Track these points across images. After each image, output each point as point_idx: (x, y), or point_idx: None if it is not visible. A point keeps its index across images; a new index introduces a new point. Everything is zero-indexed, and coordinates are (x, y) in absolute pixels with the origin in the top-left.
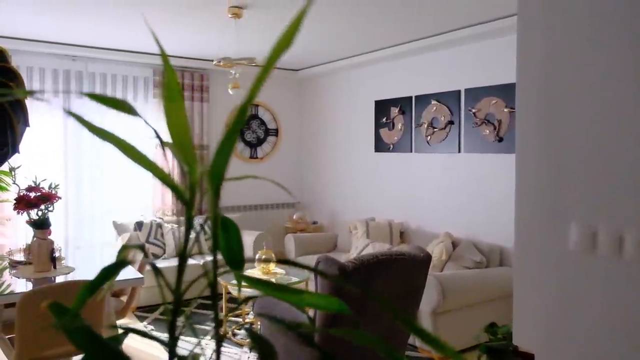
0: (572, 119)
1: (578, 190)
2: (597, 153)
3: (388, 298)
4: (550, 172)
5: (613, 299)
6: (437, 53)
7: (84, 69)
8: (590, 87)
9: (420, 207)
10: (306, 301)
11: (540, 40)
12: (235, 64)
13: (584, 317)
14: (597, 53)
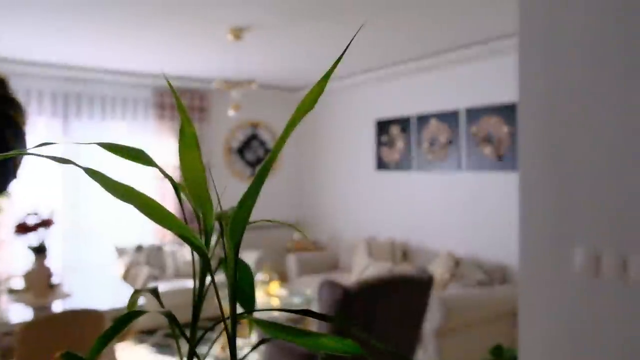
0: (576, 142)
1: (583, 215)
2: (602, 178)
3: (392, 319)
4: (554, 196)
5: (618, 323)
6: (438, 72)
7: (82, 90)
8: (593, 109)
9: (422, 226)
10: (323, 345)
11: (541, 62)
12: (236, 85)
13: (590, 341)
14: (599, 74)
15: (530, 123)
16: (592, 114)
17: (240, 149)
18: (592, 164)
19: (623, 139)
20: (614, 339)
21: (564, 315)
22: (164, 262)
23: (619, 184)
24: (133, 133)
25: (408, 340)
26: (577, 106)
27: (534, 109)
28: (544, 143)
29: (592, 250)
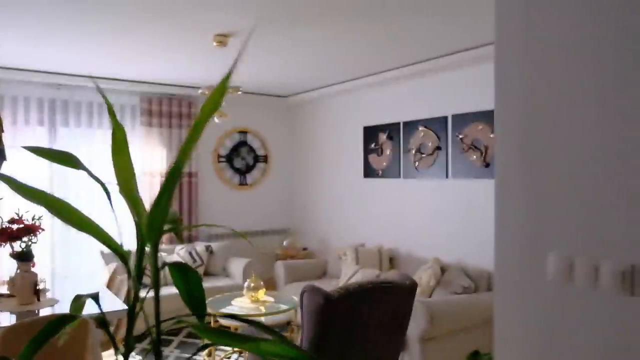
0: (551, 150)
1: (557, 221)
2: (575, 185)
3: (374, 325)
4: (529, 203)
5: (589, 329)
6: (425, 79)
7: (69, 97)
8: (568, 118)
9: (410, 233)
10: (265, 350)
11: (518, 70)
12: None
13: (563, 347)
14: (575, 84)
15: (507, 131)
16: (567, 123)
17: (229, 156)
18: (566, 172)
19: (596, 147)
20: (585, 345)
21: (538, 321)
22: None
23: (591, 192)
24: None
25: (391, 345)
26: (552, 115)
27: (510, 117)
28: (520, 151)
29: (565, 256)
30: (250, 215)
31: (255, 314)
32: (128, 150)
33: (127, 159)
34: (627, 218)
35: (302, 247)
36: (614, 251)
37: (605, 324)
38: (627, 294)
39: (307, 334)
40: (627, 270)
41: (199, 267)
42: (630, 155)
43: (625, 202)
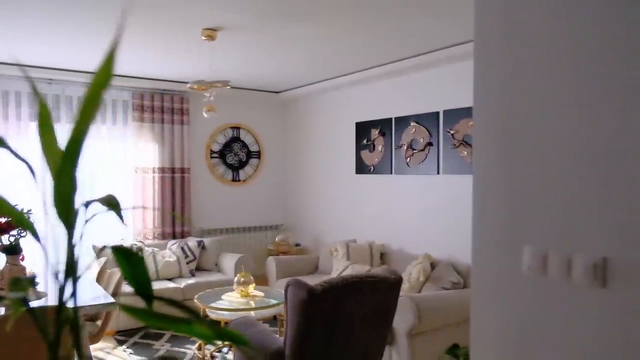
0: (526, 146)
1: (532, 216)
2: (550, 180)
3: (359, 320)
4: (506, 198)
5: (562, 321)
6: (416, 75)
7: (60, 92)
8: (544, 116)
9: (401, 229)
10: (194, 331)
11: (497, 68)
12: (210, 86)
13: (538, 338)
14: (552, 81)
15: (485, 128)
16: (542, 121)
17: (222, 152)
18: (541, 169)
19: (570, 145)
20: (559, 337)
21: (513, 313)
22: None
23: (565, 188)
24: (113, 135)
25: (377, 339)
26: (528, 114)
27: (488, 114)
28: (497, 148)
29: (540, 249)
30: (243, 211)
31: (245, 308)
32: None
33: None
34: (599, 212)
35: (295, 243)
36: (586, 244)
37: (578, 316)
38: (599, 286)
39: (291, 328)
40: (599, 262)
41: (191, 262)
42: (602, 153)
43: (598, 197)
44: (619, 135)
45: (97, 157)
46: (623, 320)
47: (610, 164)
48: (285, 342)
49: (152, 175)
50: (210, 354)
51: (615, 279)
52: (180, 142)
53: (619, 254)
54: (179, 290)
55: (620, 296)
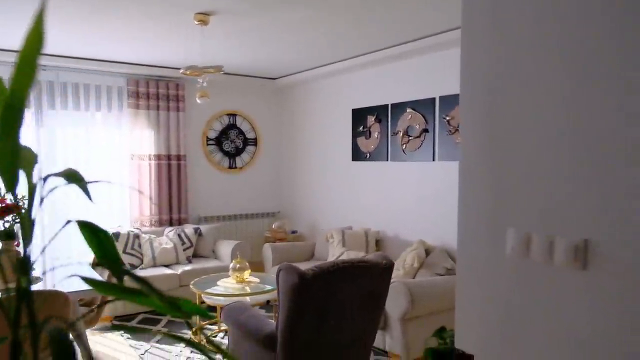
0: (511, 131)
1: (515, 199)
2: (533, 165)
3: (350, 304)
4: (490, 182)
5: (544, 302)
6: (412, 60)
7: (55, 79)
8: (528, 102)
9: (396, 216)
10: (152, 303)
11: (483, 55)
12: (202, 72)
13: (518, 319)
14: (537, 68)
15: (471, 115)
16: (525, 107)
17: (218, 139)
18: (524, 154)
19: (552, 131)
20: (541, 318)
21: (497, 295)
22: (141, 249)
23: (548, 171)
24: (108, 122)
25: (368, 324)
26: (512, 100)
27: (474, 101)
28: (483, 134)
29: (523, 232)
30: (240, 199)
31: (239, 294)
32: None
33: None
34: (580, 195)
35: (292, 230)
36: (568, 227)
37: (560, 297)
38: (580, 268)
39: (282, 312)
40: (580, 245)
41: (188, 249)
42: (583, 138)
43: (579, 180)
44: (599, 120)
45: (93, 144)
46: (603, 301)
47: (591, 148)
48: (278, 326)
49: (148, 162)
50: (207, 338)
51: (595, 261)
52: (176, 129)
53: (599, 236)
54: (176, 277)
55: (601, 277)
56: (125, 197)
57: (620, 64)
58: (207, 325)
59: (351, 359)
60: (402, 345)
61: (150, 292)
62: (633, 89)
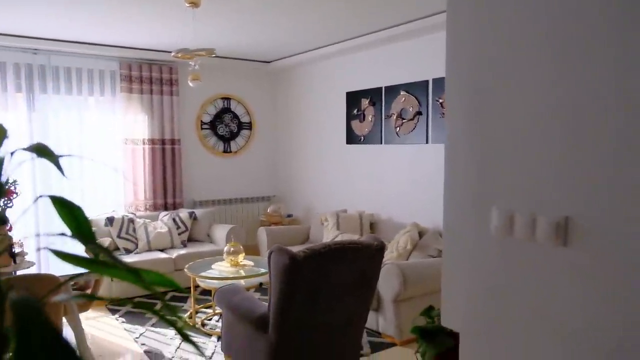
0: (494, 112)
1: (499, 179)
2: (516, 145)
3: (342, 285)
4: (475, 162)
5: (526, 280)
6: (406, 43)
7: (46, 62)
8: (510, 86)
9: (390, 198)
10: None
11: (468, 37)
12: (194, 55)
13: (503, 297)
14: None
15: (456, 97)
16: (510, 87)
17: (213, 123)
18: (507, 134)
19: (533, 113)
20: (524, 295)
21: (481, 273)
22: (135, 234)
23: (530, 151)
24: (101, 107)
25: (360, 305)
26: (496, 83)
27: (459, 83)
28: (468, 115)
29: (507, 210)
30: (235, 183)
31: (232, 277)
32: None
33: None
34: (562, 174)
35: (287, 214)
36: (550, 205)
37: (542, 274)
38: (561, 245)
39: (274, 293)
40: (561, 221)
41: (182, 233)
42: (565, 118)
43: (560, 159)
44: (581, 99)
45: (86, 129)
46: (583, 277)
47: (572, 129)
48: (269, 307)
49: (142, 146)
50: (202, 321)
51: (575, 237)
52: (170, 113)
53: (579, 213)
54: (171, 261)
55: (581, 253)
56: (119, 181)
57: (606, 42)
58: (202, 309)
59: (343, 340)
60: (395, 326)
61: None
62: (616, 68)
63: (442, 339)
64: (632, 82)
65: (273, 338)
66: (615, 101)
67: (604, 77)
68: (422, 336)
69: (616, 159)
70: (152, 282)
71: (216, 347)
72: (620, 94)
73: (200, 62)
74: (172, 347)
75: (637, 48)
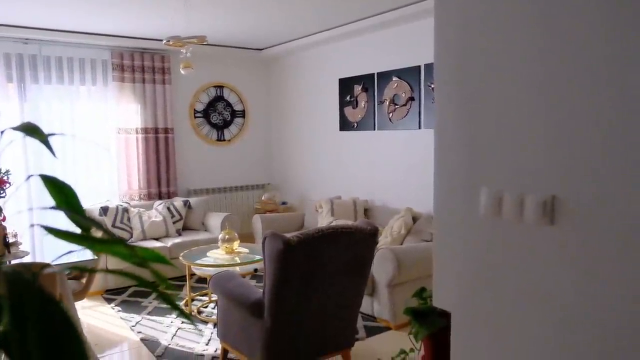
0: (482, 96)
1: (488, 160)
2: (503, 125)
3: (335, 270)
4: (464, 144)
5: (515, 259)
6: (398, 28)
7: (37, 52)
8: (497, 67)
9: (384, 184)
10: (117, 251)
11: (456, 22)
12: (186, 43)
13: (492, 277)
14: (507, 33)
15: (444, 80)
16: (497, 68)
17: (206, 112)
18: (495, 115)
19: (520, 93)
20: (512, 275)
21: (471, 254)
22: (130, 223)
23: (517, 131)
24: (93, 96)
25: (354, 289)
26: (483, 66)
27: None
28: (457, 94)
29: (495, 191)
30: (229, 171)
31: (229, 264)
32: None
33: None
34: (549, 153)
35: (282, 202)
36: (537, 184)
37: (530, 253)
38: (548, 224)
39: (269, 279)
40: (548, 200)
41: (177, 221)
42: (552, 97)
43: (548, 138)
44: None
45: (78, 119)
46: (570, 255)
47: (558, 108)
48: (264, 293)
49: (135, 136)
50: (197, 309)
51: (562, 216)
52: (162, 102)
53: (566, 192)
54: (166, 249)
55: (567, 232)
56: (113, 171)
57: (591, 23)
58: (198, 297)
59: (337, 325)
60: (390, 311)
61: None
62: (603, 51)
63: (433, 319)
64: (619, 62)
65: (268, 323)
66: (602, 83)
67: (591, 58)
68: (415, 317)
69: (600, 138)
70: (145, 257)
71: (212, 333)
72: (607, 74)
73: (193, 50)
74: (169, 335)
75: (625, 29)
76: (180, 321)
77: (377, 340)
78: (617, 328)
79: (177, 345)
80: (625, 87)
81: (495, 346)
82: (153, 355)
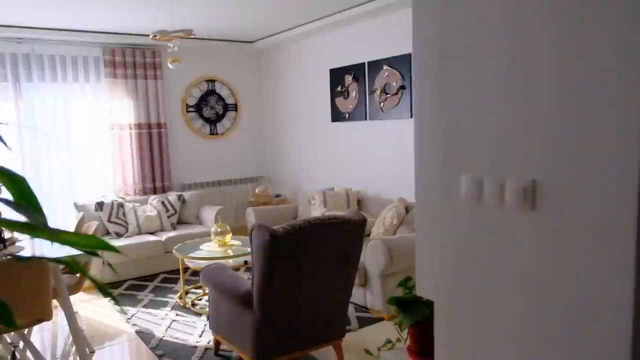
0: (460, 83)
1: (468, 146)
2: (483, 112)
3: (324, 260)
4: (443, 131)
5: (497, 246)
6: (387, 16)
7: (30, 51)
8: (473, 56)
9: (377, 175)
10: (67, 240)
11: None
12: (172, 37)
13: (474, 264)
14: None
15: (423, 66)
16: (474, 54)
17: (198, 106)
18: (473, 102)
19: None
20: (494, 260)
21: (454, 242)
22: (125, 218)
23: (495, 117)
24: (87, 93)
25: (343, 279)
26: (460, 56)
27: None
28: (435, 85)
29: (476, 176)
30: (223, 165)
31: (222, 257)
32: None
33: None
34: (528, 138)
35: (275, 194)
36: (517, 169)
37: (511, 238)
38: (529, 209)
39: (257, 270)
40: (529, 185)
41: (172, 216)
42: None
43: (526, 124)
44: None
45: (73, 116)
46: (551, 239)
47: (537, 94)
48: (253, 284)
49: (128, 131)
50: (192, 302)
51: (543, 201)
52: (155, 97)
53: (546, 177)
54: (161, 243)
55: (548, 216)
56: (108, 167)
57: (565, 7)
58: (192, 290)
59: (327, 315)
60: (383, 301)
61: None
62: (578, 31)
63: (417, 308)
64: (593, 46)
65: (258, 314)
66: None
67: (567, 45)
68: (399, 306)
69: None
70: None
71: (206, 325)
72: (583, 60)
73: (184, 45)
74: (163, 327)
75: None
76: (174, 314)
77: (370, 331)
78: (595, 313)
79: (171, 337)
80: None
81: (478, 333)
82: (148, 347)
